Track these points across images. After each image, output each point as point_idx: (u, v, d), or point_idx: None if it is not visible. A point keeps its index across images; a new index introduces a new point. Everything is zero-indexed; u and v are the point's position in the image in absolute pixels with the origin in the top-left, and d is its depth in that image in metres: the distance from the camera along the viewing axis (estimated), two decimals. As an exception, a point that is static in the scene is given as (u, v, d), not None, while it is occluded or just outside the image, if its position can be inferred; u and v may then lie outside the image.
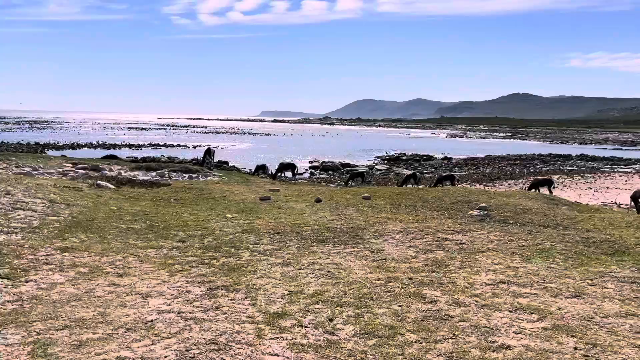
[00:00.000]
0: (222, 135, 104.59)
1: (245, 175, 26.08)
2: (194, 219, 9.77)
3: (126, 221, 9.24)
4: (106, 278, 5.63)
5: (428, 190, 16.05)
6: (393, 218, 9.77)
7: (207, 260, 6.51)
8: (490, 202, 13.95)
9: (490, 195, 15.62)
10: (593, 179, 39.69)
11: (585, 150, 76.13)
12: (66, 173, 19.65)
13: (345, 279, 5.54)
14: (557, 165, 54.22)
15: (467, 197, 14.73)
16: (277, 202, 12.59)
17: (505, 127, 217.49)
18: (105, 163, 25.14)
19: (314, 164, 50.71)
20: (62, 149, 58.64)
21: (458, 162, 56.97)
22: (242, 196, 13.76)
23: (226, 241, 7.72)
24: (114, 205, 10.86)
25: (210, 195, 13.78)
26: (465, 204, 13.59)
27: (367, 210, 11.43)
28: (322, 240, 7.75)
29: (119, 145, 66.57)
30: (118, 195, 12.67)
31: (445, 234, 7.92)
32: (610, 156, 63.19)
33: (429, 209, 12.25)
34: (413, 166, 52.63)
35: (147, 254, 6.84)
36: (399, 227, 8.45)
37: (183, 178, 20.87)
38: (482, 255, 6.58)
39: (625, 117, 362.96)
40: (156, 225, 8.95)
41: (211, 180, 19.55)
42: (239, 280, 5.54)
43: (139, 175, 20.72)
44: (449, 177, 26.45)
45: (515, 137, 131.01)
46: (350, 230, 8.43)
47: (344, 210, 11.18)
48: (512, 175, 42.55)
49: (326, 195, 14.53)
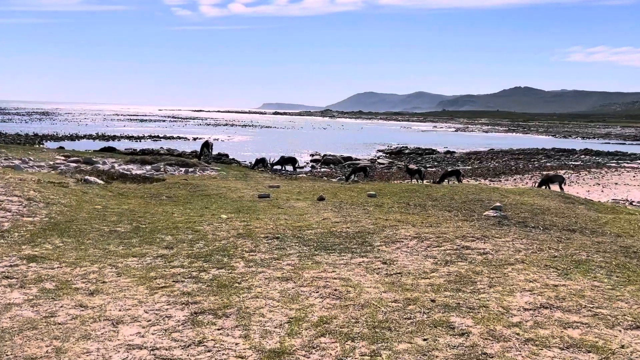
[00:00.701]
0: (223, 127, 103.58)
1: (245, 169, 25.19)
2: (185, 219, 8.90)
3: (110, 222, 8.37)
4: (74, 297, 4.76)
5: (436, 188, 15.17)
6: (403, 220, 8.89)
7: (194, 273, 5.65)
8: (504, 201, 13.09)
9: (503, 193, 14.75)
10: (600, 175, 38.81)
11: (589, 145, 75.24)
12: (57, 166, 18.78)
13: (356, 300, 4.67)
14: (561, 160, 53.34)
15: (479, 195, 13.86)
16: (276, 200, 11.72)
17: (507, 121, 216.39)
18: (100, 156, 24.27)
19: (315, 157, 49.82)
20: (61, 140, 57.74)
21: (461, 156, 56.05)
22: (240, 193, 12.89)
23: (219, 248, 6.86)
24: (99, 204, 9.99)
25: (206, 192, 12.91)
26: (478, 203, 12.73)
27: (374, 210, 10.56)
28: (327, 247, 6.88)
29: (119, 136, 65.70)
30: (106, 192, 11.80)
31: (465, 241, 7.04)
32: (614, 151, 62.30)
33: (440, 209, 11.38)
34: (415, 160, 51.71)
35: (127, 264, 5.97)
36: (412, 232, 7.57)
37: (179, 172, 19.99)
38: (511, 268, 5.71)
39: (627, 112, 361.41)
40: (142, 228, 8.08)
41: (208, 175, 18.66)
42: (230, 301, 4.67)
43: (133, 169, 19.84)
44: (455, 173, 25.55)
45: (517, 131, 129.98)
46: (357, 235, 7.56)
47: (349, 210, 10.31)
48: (517, 170, 41.69)
49: (329, 193, 13.66)
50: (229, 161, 43.23)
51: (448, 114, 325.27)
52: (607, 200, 25.04)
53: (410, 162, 46.11)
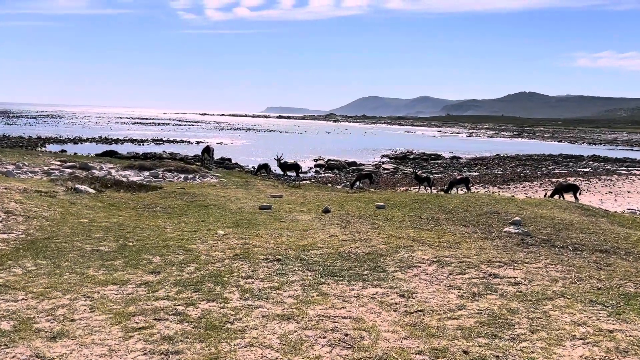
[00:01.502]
0: (226, 131, 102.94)
1: (246, 175, 24.38)
2: (178, 236, 8.08)
3: (94, 239, 7.57)
4: (31, 342, 3.95)
5: (448, 198, 14.33)
6: (418, 239, 8.05)
7: (180, 307, 4.82)
8: (521, 214, 12.23)
9: (519, 204, 13.90)
10: (611, 182, 37.85)
11: (596, 151, 74.22)
12: (51, 172, 18.03)
13: (372, 350, 3.83)
14: (570, 167, 52.39)
15: (494, 207, 13.02)
16: (278, 212, 10.90)
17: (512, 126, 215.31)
18: (98, 161, 23.52)
19: (318, 162, 49.01)
20: (64, 143, 57.17)
21: (467, 161, 55.13)
22: (240, 204, 12.08)
23: (212, 272, 6.04)
24: (86, 217, 9.20)
25: (204, 202, 12.10)
26: (494, 216, 11.88)
27: (384, 225, 9.73)
28: (334, 273, 6.05)
29: (122, 140, 65.14)
30: (96, 202, 11.00)
31: (491, 266, 6.20)
32: (623, 157, 61.29)
33: (455, 223, 10.53)
34: (421, 165, 50.84)
35: (105, 295, 5.16)
36: (430, 256, 6.73)
37: (178, 179, 19.20)
38: (552, 305, 4.86)
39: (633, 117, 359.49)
40: (129, 246, 7.27)
41: (208, 183, 17.86)
42: (219, 350, 3.84)
43: (130, 176, 19.08)
44: (464, 181, 24.68)
45: (523, 136, 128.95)
46: (368, 258, 6.72)
47: (357, 225, 9.48)
48: (525, 177, 40.79)
49: (334, 203, 12.83)
50: (232, 166, 42.44)
51: (452, 119, 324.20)
52: (623, 210, 24.10)
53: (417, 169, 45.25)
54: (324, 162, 47.60)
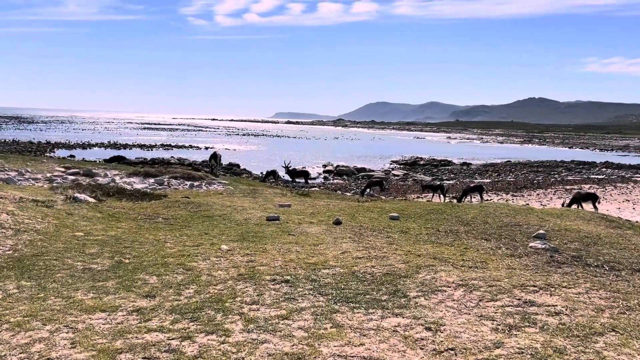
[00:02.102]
0: (235, 137, 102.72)
1: (254, 182, 23.80)
2: (179, 251, 7.47)
3: (88, 256, 6.99)
4: (-5, 391, 3.35)
5: (464, 208, 13.63)
6: (439, 256, 7.38)
7: (175, 342, 4.20)
8: (544, 226, 11.52)
9: (539, 215, 13.18)
10: (627, 190, 36.90)
11: (609, 157, 73.05)
12: (53, 179, 17.56)
13: (399, 404, 3.18)
14: (583, 173, 51.40)
15: (514, 219, 12.31)
16: (287, 224, 10.28)
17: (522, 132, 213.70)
18: (103, 167, 23.06)
19: (327, 168, 48.37)
20: (73, 148, 57.08)
21: (478, 168, 54.28)
22: (246, 214, 11.47)
23: (213, 296, 5.42)
24: (82, 229, 8.63)
25: (209, 212, 11.50)
26: (516, 228, 11.18)
27: (400, 239, 9.07)
28: (349, 298, 5.40)
29: (130, 145, 65.00)
30: (95, 212, 10.44)
31: (526, 292, 5.52)
32: (637, 164, 60.15)
33: (475, 237, 9.85)
34: (431, 172, 50.08)
35: (90, 325, 4.55)
36: (456, 278, 6.06)
37: (184, 186, 18.65)
38: (603, 342, 4.19)
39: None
40: (125, 264, 6.67)
41: (214, 190, 17.27)
42: (216, 404, 3.21)
43: (134, 183, 18.56)
44: (477, 189, 23.93)
45: (533, 142, 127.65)
46: (386, 280, 6.06)
47: (371, 240, 8.83)
48: (539, 185, 39.92)
49: (346, 214, 12.18)
50: (240, 171, 41.88)
51: (461, 125, 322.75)
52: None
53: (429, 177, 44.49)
54: (333, 168, 46.96)
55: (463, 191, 23.98)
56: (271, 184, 26.31)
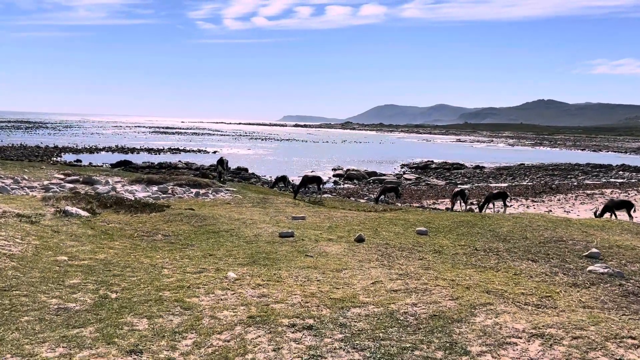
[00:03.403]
0: (243, 140, 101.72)
1: (263, 189, 22.57)
2: (177, 281, 6.24)
3: (67, 289, 5.78)
4: None
5: (497, 220, 12.30)
6: (491, 288, 6.09)
7: None
8: (591, 242, 10.18)
9: (580, 228, 11.83)
10: (652, 194, 35.31)
11: (624, 160, 71.23)
12: (49, 187, 16.41)
13: None
14: (600, 177, 49.78)
15: (555, 232, 10.98)
16: (303, 242, 9.02)
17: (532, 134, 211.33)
18: (105, 173, 21.91)
19: (337, 171, 47.09)
20: (80, 152, 56.27)
21: (491, 171, 52.77)
22: (257, 229, 10.22)
23: (216, 352, 4.17)
24: (67, 252, 7.42)
25: (214, 227, 10.26)
26: (560, 244, 9.85)
27: (436, 262, 7.79)
28: (393, 356, 4.14)
29: (138, 149, 64.15)
30: (86, 229, 9.24)
31: (624, 347, 4.22)
32: (655, 167, 58.38)
33: (520, 257, 8.54)
34: (444, 176, 48.67)
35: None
36: (525, 324, 4.75)
37: (189, 195, 17.44)
38: None
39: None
40: (110, 300, 5.45)
41: (221, 199, 16.04)
42: None
43: (136, 191, 17.38)
44: (501, 196, 22.51)
45: (544, 145, 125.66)
46: (436, 326, 4.78)
47: (402, 262, 7.55)
48: (558, 189, 38.40)
49: (367, 228, 10.90)
50: (248, 176, 40.65)
51: (470, 127, 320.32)
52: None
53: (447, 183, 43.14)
54: (343, 172, 45.71)
55: (486, 198, 22.58)
56: (280, 189, 25.08)
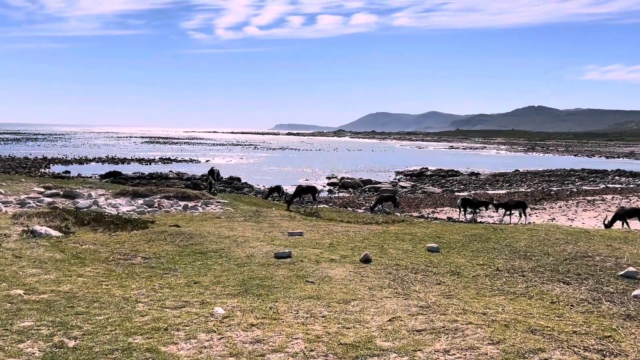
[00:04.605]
0: (236, 149, 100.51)
1: (257, 200, 21.44)
2: (153, 321, 5.12)
3: (14, 335, 4.65)
4: None
5: (513, 234, 11.27)
6: (533, 324, 5.02)
7: None
8: (619, 257, 9.18)
9: (601, 240, 10.85)
10: (654, 200, 34.56)
11: (618, 165, 70.89)
12: (26, 202, 15.19)
13: None
14: (597, 182, 49.18)
15: (577, 247, 9.97)
16: (302, 263, 7.92)
17: (524, 140, 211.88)
18: (88, 186, 20.67)
19: (332, 180, 46.08)
20: (69, 163, 54.90)
21: (487, 178, 52.03)
22: (249, 248, 9.11)
23: None
24: (25, 283, 6.29)
25: (202, 246, 9.14)
26: (588, 261, 8.84)
27: (457, 287, 6.73)
28: None
29: (129, 159, 62.91)
30: (54, 252, 8.09)
31: None
32: (651, 171, 57.92)
33: (551, 279, 7.50)
34: (439, 183, 47.81)
35: None
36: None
37: (177, 208, 16.29)
38: None
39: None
40: (65, 351, 4.32)
41: (211, 213, 14.88)
42: None
43: (120, 205, 16.20)
44: (521, 205, 21.62)
45: (537, 150, 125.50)
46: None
47: (420, 290, 6.47)
48: (557, 196, 37.67)
49: (372, 245, 9.83)
50: (241, 185, 39.47)
51: (462, 134, 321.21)
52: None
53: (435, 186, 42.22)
54: (338, 181, 44.73)
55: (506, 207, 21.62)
56: (275, 200, 23.99)
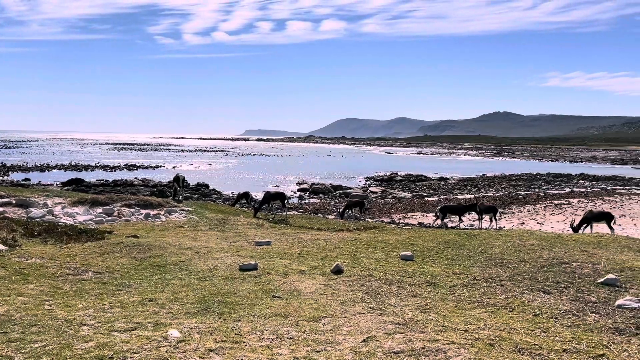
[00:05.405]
0: (205, 155, 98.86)
1: (224, 207, 20.71)
2: (97, 348, 4.48)
3: None
4: None
5: (486, 240, 10.98)
6: (519, 341, 4.62)
7: None
8: (596, 263, 8.96)
9: (576, 245, 10.67)
10: (617, 203, 35.25)
11: (581, 169, 72.58)
12: (-27, 213, 14.18)
13: None
14: (563, 186, 50.03)
15: (553, 252, 9.73)
16: (268, 276, 7.38)
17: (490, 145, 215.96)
18: (45, 194, 19.58)
19: (302, 186, 45.55)
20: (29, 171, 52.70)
21: (456, 183, 52.36)
22: (212, 259, 8.51)
23: None
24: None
25: (161, 259, 8.48)
26: (566, 268, 8.57)
27: (435, 300, 6.31)
28: None
29: (92, 166, 60.94)
30: (-6, 268, 7.32)
31: None
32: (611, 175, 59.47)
33: (530, 289, 7.17)
34: (409, 188, 47.85)
35: None
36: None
37: (138, 216, 15.48)
38: None
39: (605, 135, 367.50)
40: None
41: (174, 222, 14.15)
42: None
43: (77, 214, 15.30)
44: (492, 210, 21.53)
45: (503, 155, 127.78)
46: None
47: (396, 303, 6.02)
48: (525, 200, 38.03)
49: (343, 254, 9.35)
50: (209, 192, 38.50)
51: (430, 139, 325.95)
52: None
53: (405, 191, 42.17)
54: (308, 187, 44.24)
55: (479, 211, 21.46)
56: (243, 207, 23.30)
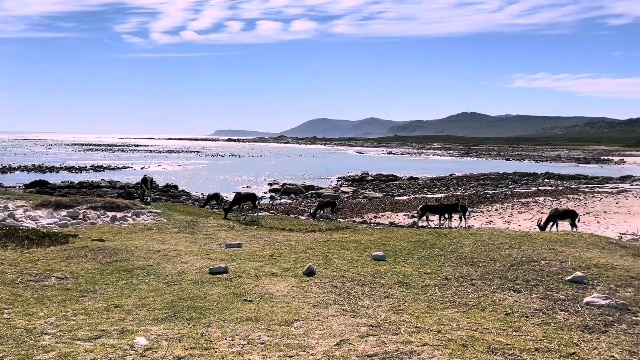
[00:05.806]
0: (174, 156, 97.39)
1: (193, 209, 20.36)
2: (59, 357, 4.27)
3: None
4: None
5: (456, 240, 11.07)
6: (492, 342, 4.63)
7: None
8: (564, 261, 9.13)
9: (543, 243, 10.87)
10: (581, 201, 36.30)
11: (547, 168, 74.45)
12: None
13: None
14: (529, 185, 51.19)
15: (522, 251, 9.88)
16: (239, 279, 7.23)
17: (458, 145, 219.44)
18: (7, 196, 18.89)
19: (273, 186, 45.27)
20: (-11, 173, 50.87)
21: (425, 182, 52.99)
22: (181, 263, 8.30)
23: None
24: None
25: (127, 263, 8.23)
26: (534, 266, 8.71)
27: (407, 300, 6.30)
28: None
29: (57, 167, 59.22)
30: (-51, 275, 6.96)
31: None
32: (575, 174, 61.22)
33: (501, 287, 7.24)
34: (380, 188, 48.16)
35: None
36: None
37: (104, 219, 15.05)
38: None
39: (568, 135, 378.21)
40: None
41: (141, 225, 13.81)
42: None
43: (40, 217, 14.78)
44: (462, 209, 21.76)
45: (471, 155, 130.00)
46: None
47: (368, 304, 5.98)
48: (493, 199, 38.75)
49: (315, 255, 9.27)
50: (178, 194, 37.89)
51: (400, 139, 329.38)
52: (616, 235, 21.84)
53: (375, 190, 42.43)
54: (280, 187, 44.01)
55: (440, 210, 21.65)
56: (212, 208, 22.99)
